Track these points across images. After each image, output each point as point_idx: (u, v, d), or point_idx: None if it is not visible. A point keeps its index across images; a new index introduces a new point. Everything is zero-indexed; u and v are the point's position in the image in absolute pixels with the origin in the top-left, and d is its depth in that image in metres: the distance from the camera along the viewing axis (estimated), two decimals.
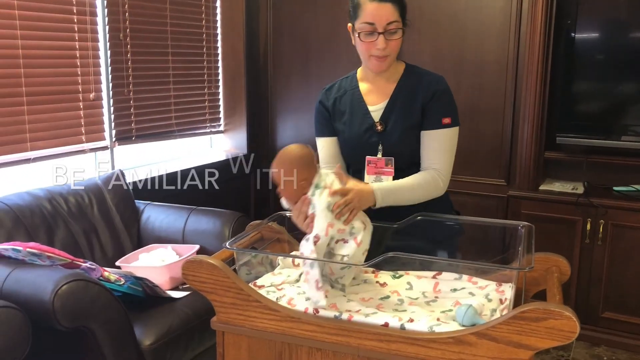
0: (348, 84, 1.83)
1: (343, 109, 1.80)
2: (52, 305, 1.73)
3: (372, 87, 1.79)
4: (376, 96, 1.77)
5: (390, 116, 1.74)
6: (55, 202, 2.43)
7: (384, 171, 1.75)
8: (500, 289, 1.45)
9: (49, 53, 2.62)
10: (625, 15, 2.90)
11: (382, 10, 1.63)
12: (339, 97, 1.82)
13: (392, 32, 1.65)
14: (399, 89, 1.75)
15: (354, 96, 1.79)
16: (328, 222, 1.38)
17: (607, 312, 2.91)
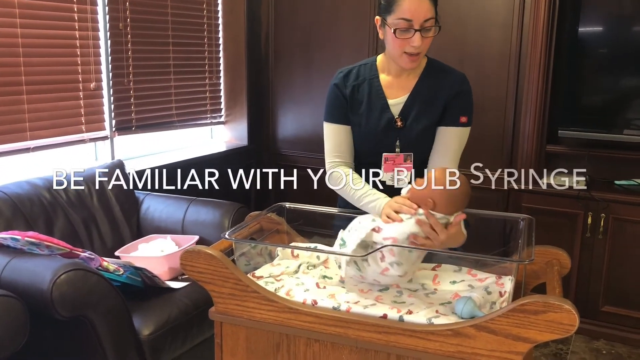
0: (367, 73, 1.74)
1: (360, 99, 1.72)
2: (51, 294, 1.72)
3: (393, 80, 1.71)
4: (397, 90, 1.71)
5: (410, 112, 1.69)
6: (55, 191, 2.43)
7: (403, 167, 1.70)
8: (500, 281, 1.45)
9: (48, 42, 2.60)
10: (629, 8, 2.88)
11: (420, 7, 1.55)
12: (357, 85, 1.73)
13: (428, 29, 1.58)
14: (421, 83, 1.70)
15: (373, 87, 1.72)
16: (411, 233, 1.35)
17: (607, 306, 2.90)
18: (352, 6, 3.49)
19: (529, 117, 2.96)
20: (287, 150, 3.87)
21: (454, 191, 1.37)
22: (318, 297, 1.35)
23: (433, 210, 1.35)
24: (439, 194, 1.36)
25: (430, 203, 1.36)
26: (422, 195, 1.38)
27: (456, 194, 1.38)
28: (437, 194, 1.36)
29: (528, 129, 2.97)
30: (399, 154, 1.70)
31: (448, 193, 1.37)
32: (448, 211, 1.37)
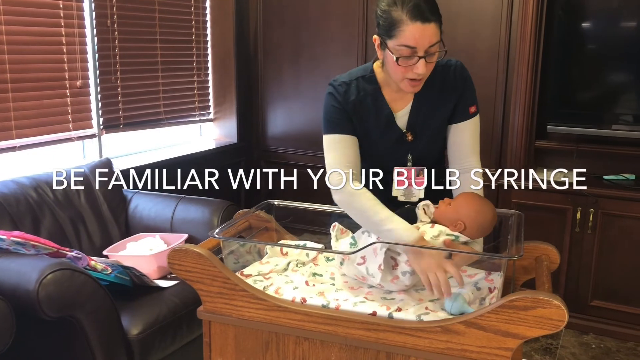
0: (368, 86, 1.60)
1: (366, 113, 1.60)
2: (37, 294, 1.70)
3: (395, 93, 1.60)
4: (400, 101, 1.61)
5: (417, 120, 1.61)
6: (41, 190, 2.40)
7: (416, 182, 1.64)
8: (490, 277, 1.45)
9: (34, 39, 2.57)
10: (617, 4, 2.89)
11: (425, 33, 1.41)
12: (359, 100, 1.59)
13: (432, 54, 1.45)
14: (423, 89, 1.56)
15: (378, 101, 1.60)
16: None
17: (596, 301, 2.92)
18: (341, 3, 3.47)
19: (518, 112, 2.97)
20: (276, 147, 3.86)
21: (486, 217, 1.38)
22: (307, 295, 1.35)
23: (462, 232, 1.35)
24: (472, 219, 1.36)
25: (461, 225, 1.35)
26: (452, 216, 1.38)
27: (487, 220, 1.38)
28: (469, 218, 1.36)
29: (517, 124, 2.98)
30: (410, 167, 1.64)
31: (481, 219, 1.37)
32: (476, 236, 1.38)
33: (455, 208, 1.38)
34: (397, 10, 1.42)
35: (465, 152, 1.64)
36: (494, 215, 1.40)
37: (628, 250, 2.81)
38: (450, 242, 1.33)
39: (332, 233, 1.49)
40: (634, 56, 2.83)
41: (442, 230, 1.35)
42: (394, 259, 1.35)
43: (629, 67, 2.88)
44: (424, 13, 1.41)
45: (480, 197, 1.42)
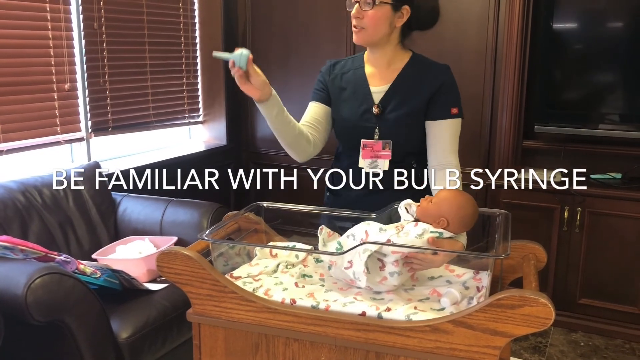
0: (353, 64, 1.82)
1: (345, 86, 1.80)
2: (25, 299, 1.69)
3: (376, 70, 1.78)
4: (379, 79, 1.77)
5: (391, 100, 1.74)
6: (29, 194, 2.39)
7: (381, 154, 1.74)
8: (478, 276, 1.46)
9: (20, 42, 2.56)
10: (603, 4, 2.92)
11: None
12: (341, 74, 1.82)
13: (367, 3, 1.64)
14: (402, 75, 1.75)
15: (357, 75, 1.79)
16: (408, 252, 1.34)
17: (584, 299, 2.94)
18: (329, 4, 3.48)
19: (506, 113, 2.99)
20: (266, 149, 3.86)
21: (467, 212, 1.38)
22: (297, 296, 1.35)
23: (445, 229, 1.36)
24: (454, 215, 1.36)
25: (444, 222, 1.36)
26: (434, 213, 1.38)
27: (469, 214, 1.39)
28: (451, 214, 1.36)
29: (505, 124, 3.00)
30: (377, 140, 1.74)
31: (462, 213, 1.37)
32: (459, 231, 1.38)
33: (437, 205, 1.39)
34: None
35: (443, 149, 1.72)
36: (475, 209, 1.41)
37: (615, 249, 2.84)
38: (433, 240, 1.34)
39: (320, 236, 1.49)
40: (619, 56, 2.87)
41: (426, 229, 1.36)
42: (381, 261, 1.35)
43: (614, 67, 2.91)
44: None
45: (460, 192, 1.43)
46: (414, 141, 1.76)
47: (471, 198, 1.42)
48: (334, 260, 1.40)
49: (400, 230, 1.38)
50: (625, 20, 2.85)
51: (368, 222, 1.42)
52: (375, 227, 1.39)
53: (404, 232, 1.36)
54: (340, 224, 1.55)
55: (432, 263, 1.36)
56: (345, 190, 1.86)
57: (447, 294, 1.33)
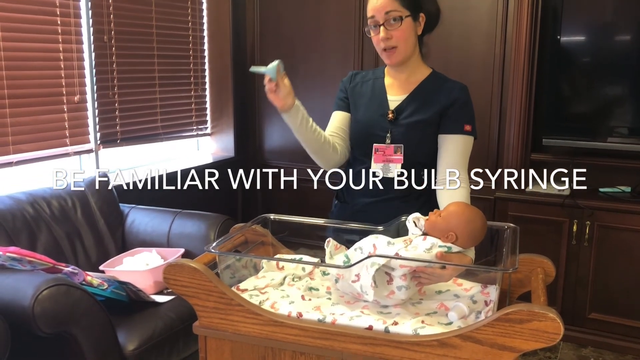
0: (374, 74, 1.89)
1: (363, 93, 1.86)
2: (32, 310, 1.70)
3: (395, 82, 1.83)
4: (397, 89, 1.82)
5: (406, 109, 1.78)
6: (38, 205, 2.40)
7: (393, 159, 1.77)
8: (486, 290, 1.45)
9: (32, 55, 2.58)
10: (610, 17, 2.92)
11: (379, 2, 1.67)
12: (362, 82, 1.88)
13: (392, 22, 1.68)
14: (420, 88, 1.79)
15: (377, 84, 1.85)
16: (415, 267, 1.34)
17: (594, 313, 2.91)
18: (336, 17, 3.50)
19: (514, 126, 2.98)
20: (273, 161, 3.87)
21: (476, 226, 1.37)
22: (303, 310, 1.34)
23: (454, 243, 1.35)
24: (462, 229, 1.36)
25: (453, 236, 1.35)
26: (442, 227, 1.37)
27: (478, 229, 1.38)
28: (460, 229, 1.36)
29: (513, 137, 2.99)
30: (389, 145, 1.76)
31: (471, 228, 1.36)
32: (468, 245, 1.37)
33: (445, 219, 1.38)
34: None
35: (452, 162, 1.73)
36: (484, 223, 1.40)
37: (625, 263, 2.81)
38: (442, 254, 1.33)
39: (327, 249, 1.49)
40: (627, 69, 2.86)
41: (435, 243, 1.35)
42: (389, 274, 1.34)
43: (623, 80, 2.90)
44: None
45: (469, 207, 1.42)
46: (425, 150, 1.77)
47: (480, 212, 1.41)
48: (341, 273, 1.39)
49: (408, 243, 1.37)
50: (632, 33, 2.85)
51: (376, 235, 1.42)
52: (383, 241, 1.38)
53: (412, 246, 1.36)
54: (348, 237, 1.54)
55: (441, 278, 1.35)
56: (354, 198, 1.86)
57: (454, 308, 1.32)
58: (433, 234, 1.39)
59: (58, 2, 2.67)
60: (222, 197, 3.75)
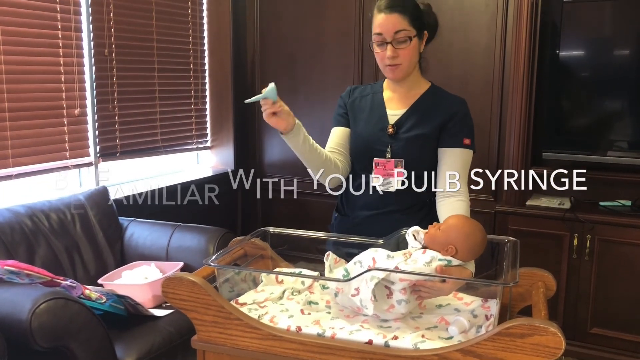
0: (373, 89, 1.89)
1: (363, 107, 1.86)
2: (30, 324, 1.68)
3: (394, 95, 1.84)
4: (397, 103, 1.82)
5: (405, 123, 1.78)
6: (37, 218, 2.39)
7: (393, 173, 1.77)
8: (486, 304, 1.44)
9: (32, 69, 2.59)
10: (609, 32, 2.93)
11: (389, 20, 1.67)
12: (360, 97, 1.88)
13: (400, 41, 1.69)
14: (419, 102, 1.80)
15: (376, 98, 1.86)
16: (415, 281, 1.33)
17: (596, 328, 2.89)
18: (337, 31, 3.52)
19: (513, 139, 2.99)
20: (273, 174, 3.87)
21: (476, 239, 1.37)
22: (303, 324, 1.33)
23: (454, 256, 1.35)
24: (462, 242, 1.35)
25: (453, 250, 1.35)
26: (442, 241, 1.37)
27: (478, 242, 1.37)
28: (459, 242, 1.35)
29: (513, 151, 2.99)
30: (389, 159, 1.76)
31: (471, 241, 1.36)
32: (468, 258, 1.37)
33: (445, 232, 1.38)
34: (374, 7, 1.73)
35: (453, 176, 1.73)
36: (484, 236, 1.40)
37: (626, 277, 2.80)
38: (441, 268, 1.32)
39: (326, 262, 1.48)
40: (627, 83, 2.87)
41: (434, 256, 1.34)
42: (388, 288, 1.34)
43: (622, 94, 2.91)
44: (389, 4, 1.69)
45: (468, 220, 1.42)
46: (425, 164, 1.77)
47: (479, 225, 1.40)
48: (341, 287, 1.38)
49: (408, 257, 1.36)
50: (631, 47, 2.86)
51: (376, 249, 1.41)
52: (382, 254, 1.37)
53: (411, 260, 1.35)
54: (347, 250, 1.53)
55: (441, 291, 1.35)
56: (354, 210, 1.85)
57: (455, 322, 1.31)
58: (433, 247, 1.38)
59: (59, 16, 2.69)
60: (222, 211, 3.74)
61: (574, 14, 2.90)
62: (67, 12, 2.72)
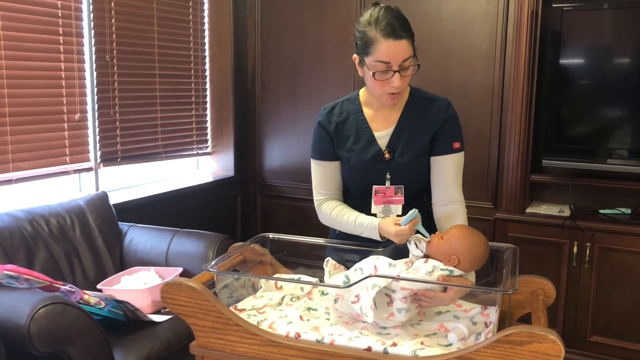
0: (351, 107, 1.74)
1: (347, 134, 1.72)
2: (28, 329, 1.68)
3: (377, 113, 1.71)
4: (382, 122, 1.70)
5: (398, 143, 1.69)
6: (36, 223, 2.39)
7: (394, 200, 1.69)
8: (486, 312, 1.44)
9: (33, 74, 2.60)
10: (609, 40, 2.94)
11: (398, 49, 1.53)
12: (341, 121, 1.73)
13: (406, 69, 1.56)
14: (406, 115, 1.70)
15: (358, 121, 1.71)
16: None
17: (595, 336, 2.89)
18: (337, 39, 3.53)
19: (513, 147, 2.99)
20: (273, 180, 3.87)
21: (479, 250, 1.37)
22: (301, 330, 1.33)
23: (456, 266, 1.35)
24: (465, 253, 1.35)
25: (455, 260, 1.35)
26: (444, 250, 1.37)
27: (480, 253, 1.37)
28: (462, 252, 1.35)
29: (512, 158, 3.00)
30: (389, 186, 1.69)
31: (474, 252, 1.36)
32: (469, 269, 1.37)
33: (448, 242, 1.38)
34: (372, 30, 1.55)
35: (447, 185, 1.68)
36: (486, 247, 1.39)
37: (626, 285, 2.80)
38: (443, 278, 1.32)
39: (326, 268, 1.48)
40: (627, 91, 2.87)
41: (436, 266, 1.34)
42: (389, 296, 1.34)
43: (622, 102, 2.92)
44: (396, 31, 1.53)
45: (472, 230, 1.42)
46: (424, 178, 1.73)
47: (482, 236, 1.40)
48: (341, 293, 1.38)
49: (409, 266, 1.36)
50: (632, 55, 2.87)
51: (377, 257, 1.41)
52: (384, 262, 1.37)
53: (413, 268, 1.35)
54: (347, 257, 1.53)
55: (442, 301, 1.35)
56: None
57: (454, 329, 1.31)
58: (435, 256, 1.38)
59: (61, 21, 2.70)
60: (221, 216, 3.74)
61: (574, 22, 2.91)
62: (69, 17, 2.73)
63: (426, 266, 1.35)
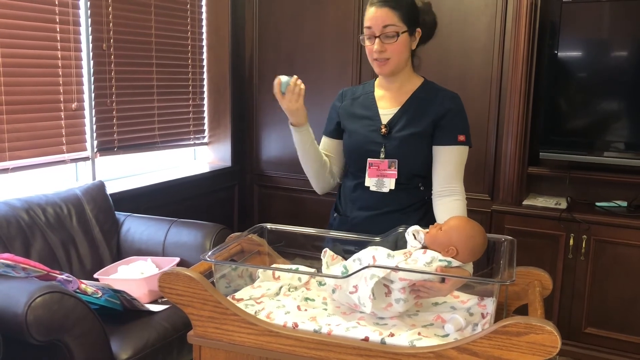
0: (365, 89, 1.89)
1: (356, 110, 1.86)
2: (25, 318, 1.68)
3: (387, 93, 1.83)
4: (389, 102, 1.81)
5: (398, 122, 1.77)
6: (33, 212, 2.38)
7: (387, 173, 1.77)
8: (482, 303, 1.44)
9: (30, 62, 2.58)
10: (607, 33, 2.94)
11: (378, 14, 1.68)
12: (354, 99, 1.88)
13: (389, 36, 1.69)
14: (412, 99, 1.79)
15: (367, 99, 1.85)
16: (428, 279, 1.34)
17: (590, 328, 2.90)
18: (335, 28, 3.52)
19: (511, 139, 2.99)
20: (270, 171, 3.87)
21: (478, 242, 1.37)
22: (299, 320, 1.33)
23: (454, 257, 1.35)
24: (463, 244, 1.35)
25: (453, 251, 1.35)
26: (443, 241, 1.37)
27: (479, 244, 1.37)
28: (461, 243, 1.35)
29: (510, 151, 3.00)
30: (383, 159, 1.76)
31: (472, 243, 1.36)
32: (468, 260, 1.37)
33: (446, 233, 1.38)
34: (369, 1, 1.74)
35: (447, 175, 1.73)
36: (485, 239, 1.40)
37: (621, 277, 2.81)
38: (442, 269, 1.33)
39: (323, 259, 1.48)
40: (624, 84, 2.87)
41: (435, 257, 1.34)
42: (387, 287, 1.34)
43: (619, 95, 2.92)
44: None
45: (470, 222, 1.42)
46: (420, 162, 1.77)
47: (481, 228, 1.41)
48: (339, 284, 1.38)
49: (408, 256, 1.36)
50: (629, 48, 2.87)
51: (376, 247, 1.41)
52: (383, 253, 1.38)
53: (412, 259, 1.35)
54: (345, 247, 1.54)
55: (439, 292, 1.35)
56: (352, 211, 1.85)
57: (451, 320, 1.32)
58: (433, 247, 1.38)
59: (57, 9, 2.68)
60: (219, 207, 3.74)
61: (573, 15, 2.91)
62: (66, 6, 2.71)
63: (425, 257, 1.35)
